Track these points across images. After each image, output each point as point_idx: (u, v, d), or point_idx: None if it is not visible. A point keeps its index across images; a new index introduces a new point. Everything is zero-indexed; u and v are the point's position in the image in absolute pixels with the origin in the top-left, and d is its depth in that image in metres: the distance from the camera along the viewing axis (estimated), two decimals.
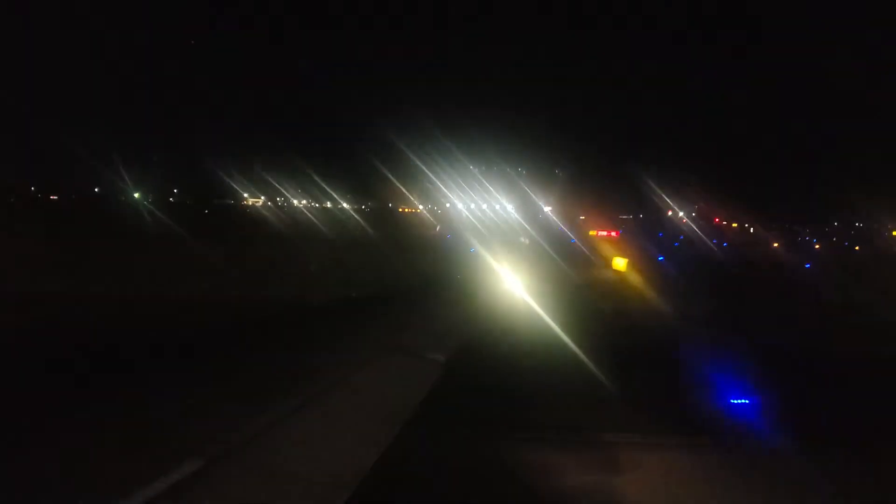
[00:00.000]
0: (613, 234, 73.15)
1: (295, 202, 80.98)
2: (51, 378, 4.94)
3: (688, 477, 7.09)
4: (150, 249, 33.47)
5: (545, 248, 40.41)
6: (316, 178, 76.14)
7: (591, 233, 73.78)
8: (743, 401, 9.27)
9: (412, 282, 21.76)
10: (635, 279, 29.38)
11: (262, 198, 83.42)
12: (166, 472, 3.38)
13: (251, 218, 67.48)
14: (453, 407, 6.83)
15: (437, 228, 65.27)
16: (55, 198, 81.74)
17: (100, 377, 4.98)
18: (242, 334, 6.63)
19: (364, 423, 5.29)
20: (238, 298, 18.26)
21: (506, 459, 6.97)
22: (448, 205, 79.99)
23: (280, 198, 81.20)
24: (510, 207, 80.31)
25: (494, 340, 9.95)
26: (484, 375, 8.43)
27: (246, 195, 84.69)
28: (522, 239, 51.86)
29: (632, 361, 10.53)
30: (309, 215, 69.70)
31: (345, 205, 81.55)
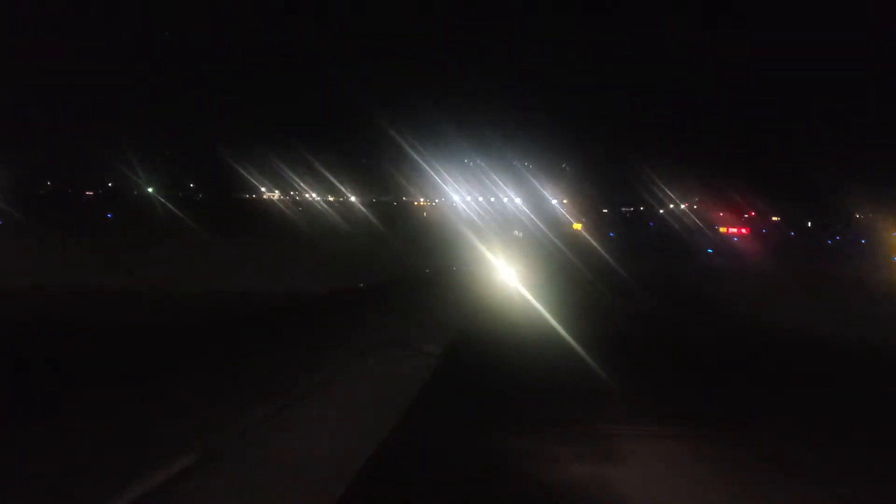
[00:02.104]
0: (744, 230, 67.43)
1: (308, 196, 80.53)
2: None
3: (685, 467, 6.79)
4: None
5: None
6: (331, 174, 75.62)
7: (722, 229, 68.85)
8: None
9: None
10: None
11: (277, 192, 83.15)
12: (164, 465, 3.16)
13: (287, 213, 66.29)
14: (449, 398, 6.56)
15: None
16: (90, 193, 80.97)
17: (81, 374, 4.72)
18: (240, 327, 6.32)
19: (360, 416, 5.04)
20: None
21: (502, 450, 6.69)
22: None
23: (293, 192, 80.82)
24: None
25: None
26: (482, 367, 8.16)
27: (263, 189, 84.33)
28: (517, 232, 50.40)
29: None
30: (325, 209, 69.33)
31: (353, 198, 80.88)
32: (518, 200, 77.31)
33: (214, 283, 19.86)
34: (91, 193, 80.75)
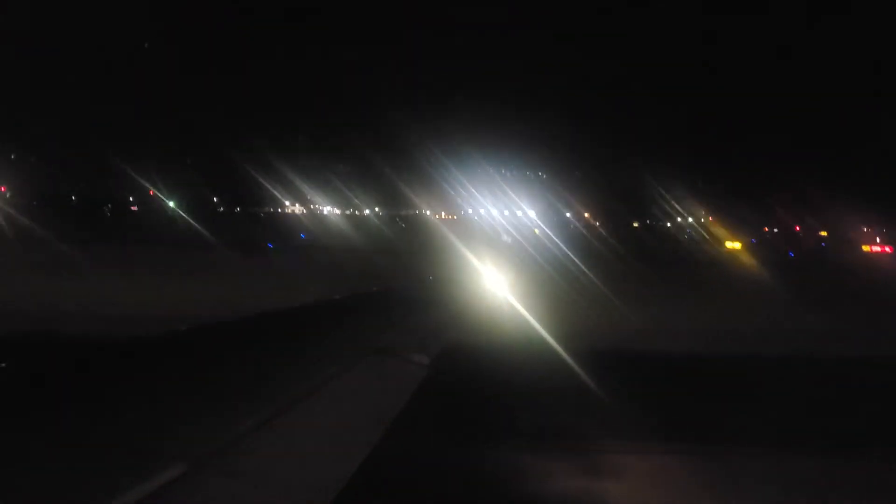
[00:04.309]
0: (888, 249, 59.45)
1: (326, 209, 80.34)
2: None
3: (676, 483, 6.42)
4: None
5: None
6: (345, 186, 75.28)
7: (865, 248, 60.60)
8: None
9: None
10: None
11: (297, 205, 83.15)
12: (146, 477, 2.84)
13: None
14: (437, 412, 6.24)
15: None
16: (135, 209, 79.68)
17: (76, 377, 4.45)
18: (228, 336, 6.03)
19: (346, 429, 4.64)
20: None
21: (490, 465, 6.36)
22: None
23: (314, 205, 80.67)
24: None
25: None
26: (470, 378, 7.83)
27: (287, 202, 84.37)
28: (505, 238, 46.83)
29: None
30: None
31: (367, 210, 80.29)
32: (533, 214, 74.24)
33: None
34: (136, 209, 79.34)
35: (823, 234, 75.14)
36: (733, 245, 59.45)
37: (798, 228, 73.30)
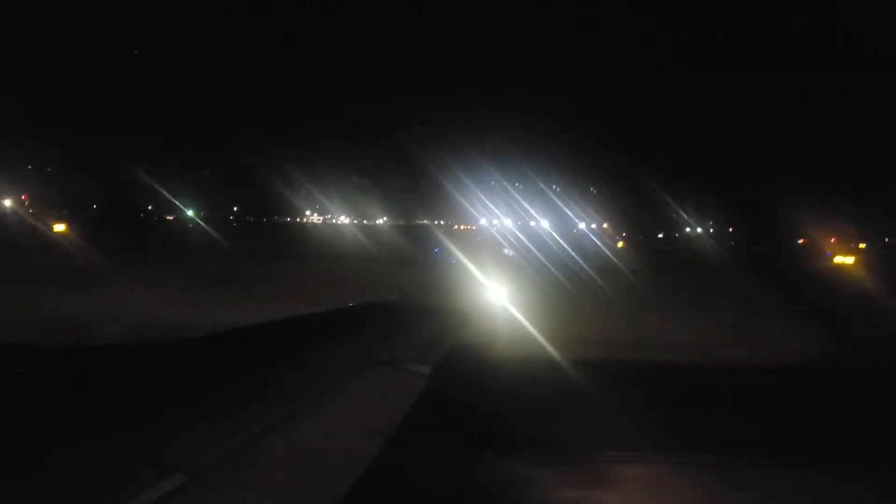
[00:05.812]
0: None
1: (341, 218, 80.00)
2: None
3: (676, 494, 6.34)
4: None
5: None
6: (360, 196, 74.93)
7: None
8: None
9: None
10: None
11: (315, 214, 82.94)
12: (144, 489, 2.86)
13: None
14: (437, 422, 6.22)
15: None
16: (170, 218, 78.19)
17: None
18: (226, 346, 6.04)
19: (344, 441, 4.64)
20: None
21: (490, 476, 6.32)
22: None
23: (329, 214, 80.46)
24: None
25: None
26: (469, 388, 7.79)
27: (308, 212, 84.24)
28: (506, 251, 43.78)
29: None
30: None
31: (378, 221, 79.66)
32: (546, 225, 72.45)
33: None
34: (171, 218, 78.03)
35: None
36: (844, 259, 45.47)
37: (833, 240, 65.38)
